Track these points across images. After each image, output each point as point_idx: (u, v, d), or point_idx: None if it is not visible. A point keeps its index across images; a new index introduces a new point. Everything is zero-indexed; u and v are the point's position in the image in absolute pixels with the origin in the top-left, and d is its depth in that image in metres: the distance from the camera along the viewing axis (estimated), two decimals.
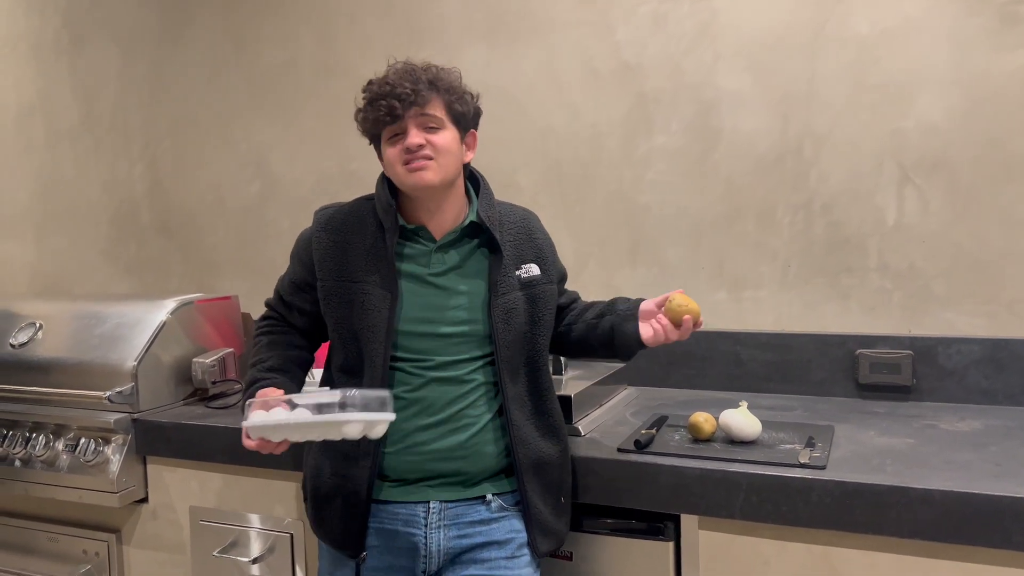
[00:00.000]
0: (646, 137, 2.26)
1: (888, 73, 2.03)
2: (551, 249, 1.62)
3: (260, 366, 1.54)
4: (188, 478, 2.02)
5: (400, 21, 2.53)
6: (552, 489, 1.52)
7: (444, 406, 1.45)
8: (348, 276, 1.48)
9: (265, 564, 1.93)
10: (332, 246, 1.51)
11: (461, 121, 1.48)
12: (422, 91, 1.41)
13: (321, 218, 1.55)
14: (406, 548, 1.47)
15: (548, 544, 1.50)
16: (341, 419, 1.27)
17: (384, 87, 1.42)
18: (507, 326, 1.47)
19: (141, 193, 2.97)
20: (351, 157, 2.62)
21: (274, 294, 1.64)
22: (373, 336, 1.45)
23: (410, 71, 1.43)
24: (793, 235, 2.13)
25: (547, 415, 1.54)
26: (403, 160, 1.42)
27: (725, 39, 2.16)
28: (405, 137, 1.42)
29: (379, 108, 1.41)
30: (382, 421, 1.30)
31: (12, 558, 2.21)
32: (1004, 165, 1.95)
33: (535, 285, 1.53)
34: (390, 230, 1.47)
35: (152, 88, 2.91)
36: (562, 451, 1.55)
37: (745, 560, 1.52)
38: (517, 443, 1.47)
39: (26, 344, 2.25)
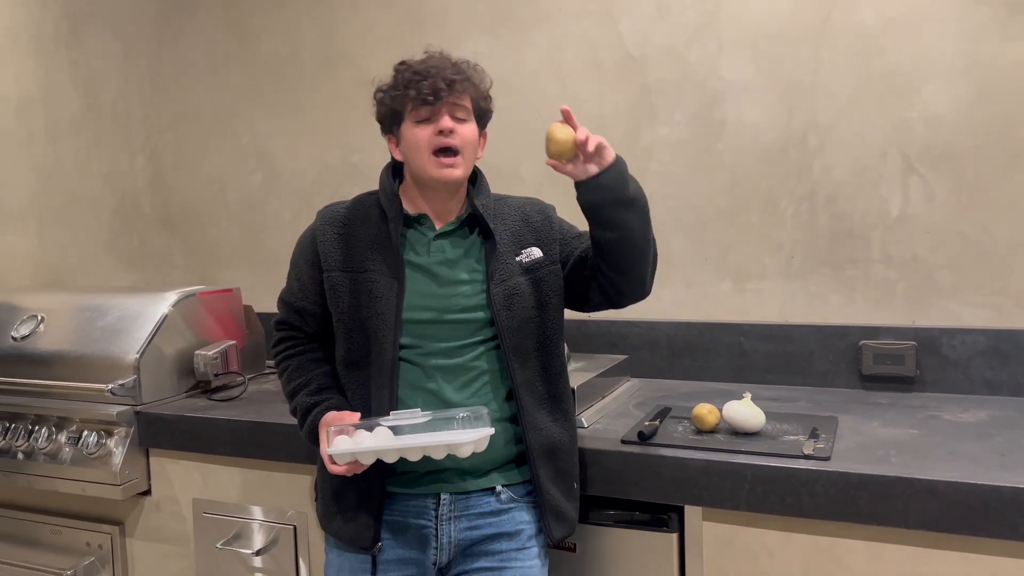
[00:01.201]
0: (650, 128, 2.25)
1: (893, 63, 2.01)
2: (549, 227, 1.56)
3: (306, 390, 1.54)
4: (191, 470, 2.02)
5: (402, 11, 2.52)
6: (564, 475, 1.52)
7: (450, 395, 1.44)
8: (354, 266, 1.49)
9: (268, 556, 1.93)
10: (336, 238, 1.52)
11: (482, 119, 1.52)
12: (462, 79, 1.45)
13: (324, 213, 1.57)
14: (417, 540, 1.47)
15: (562, 530, 1.50)
16: (451, 440, 1.33)
17: (429, 68, 1.43)
18: (509, 312, 1.46)
19: (143, 185, 2.96)
20: (353, 149, 2.61)
21: (281, 308, 1.63)
22: (382, 323, 1.45)
23: (450, 61, 1.46)
24: (797, 226, 2.13)
25: (559, 400, 1.53)
26: (434, 146, 1.43)
27: (729, 30, 2.15)
28: (435, 121, 1.43)
29: (422, 87, 1.42)
30: (484, 438, 1.35)
31: (16, 550, 2.21)
32: (1010, 155, 1.94)
33: (538, 268, 1.51)
34: (394, 218, 1.48)
35: (153, 80, 2.90)
36: (572, 437, 1.55)
37: (749, 551, 1.52)
38: (529, 429, 1.47)
39: (28, 337, 2.25)
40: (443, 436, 1.34)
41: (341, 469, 1.39)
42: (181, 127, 2.88)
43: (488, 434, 1.35)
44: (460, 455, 1.35)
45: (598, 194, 1.41)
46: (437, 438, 1.34)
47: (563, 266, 1.55)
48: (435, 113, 1.43)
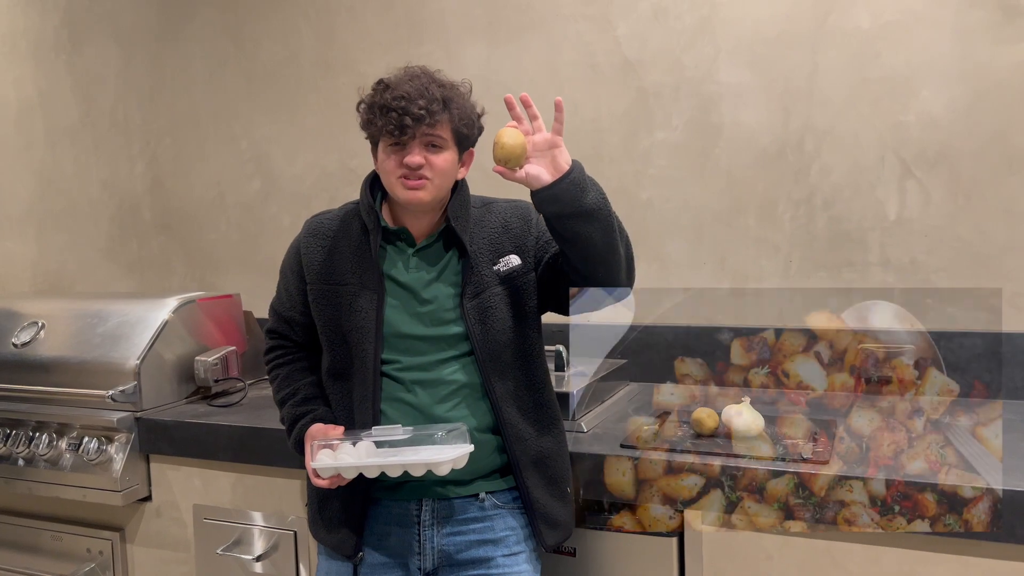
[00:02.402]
0: (647, 132, 2.26)
1: (890, 67, 2.02)
2: (527, 230, 1.51)
3: (293, 400, 1.56)
4: (191, 476, 2.02)
5: (400, 16, 2.52)
6: (555, 481, 1.52)
7: (427, 408, 1.45)
8: (335, 279, 1.50)
9: (269, 562, 1.94)
10: (319, 250, 1.52)
11: (463, 143, 1.46)
12: (435, 111, 1.38)
13: (310, 224, 1.57)
14: (401, 546, 1.48)
15: (556, 536, 1.50)
16: (430, 459, 1.34)
17: (398, 100, 1.36)
18: (483, 326, 1.46)
19: (142, 191, 2.96)
20: (352, 154, 2.62)
21: (271, 317, 1.64)
22: (363, 337, 1.46)
23: (425, 87, 1.38)
24: (795, 229, 2.13)
25: (544, 408, 1.53)
26: (399, 174, 1.41)
27: (725, 33, 2.16)
28: (404, 151, 1.40)
29: (389, 120, 1.37)
30: (464, 455, 1.36)
31: (16, 557, 2.21)
32: (1006, 158, 1.94)
33: (516, 277, 1.49)
34: (373, 231, 1.48)
35: (152, 85, 2.91)
36: (561, 443, 1.55)
37: (749, 554, 1.52)
38: (513, 441, 1.47)
39: (28, 343, 2.25)
40: (423, 455, 1.36)
41: (324, 483, 1.41)
42: (180, 133, 2.88)
43: (467, 451, 1.37)
44: (439, 473, 1.36)
45: (552, 206, 1.33)
46: (417, 456, 1.36)
47: (536, 267, 1.51)
48: (404, 144, 1.40)
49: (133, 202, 2.98)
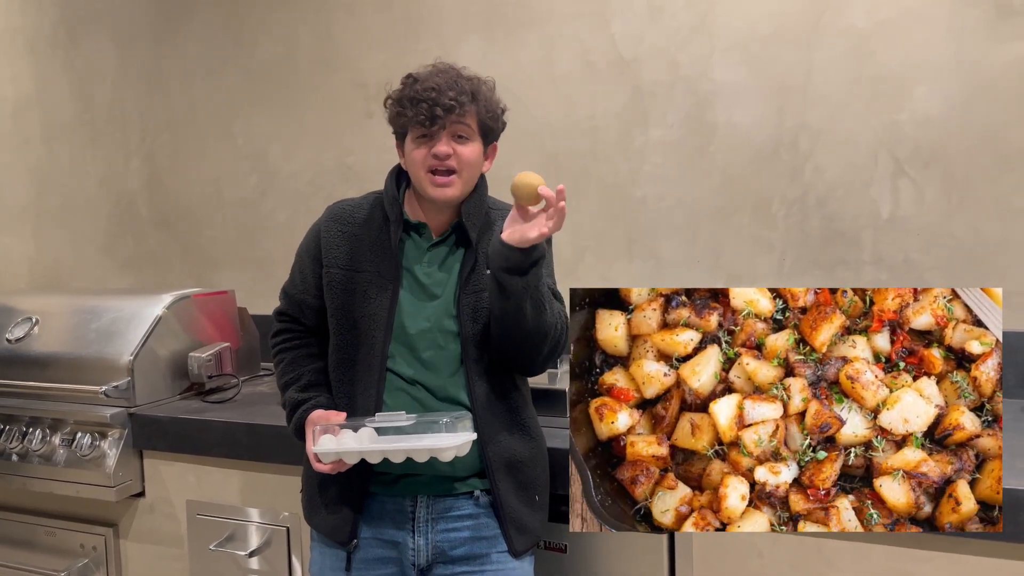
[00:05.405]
0: (642, 130, 2.26)
1: (884, 66, 2.02)
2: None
3: (296, 385, 1.55)
4: (185, 472, 2.02)
5: (398, 14, 2.53)
6: (527, 487, 1.51)
7: (431, 402, 1.45)
8: (353, 265, 1.50)
9: (262, 557, 1.94)
10: (340, 235, 1.53)
11: (488, 136, 1.51)
12: (464, 102, 1.42)
13: (332, 210, 1.58)
14: (394, 541, 1.48)
15: (524, 542, 1.49)
16: (435, 445, 1.34)
17: (428, 91, 1.40)
18: (474, 324, 1.47)
19: (139, 187, 2.97)
20: (349, 151, 2.62)
21: (282, 299, 1.64)
22: (373, 325, 1.47)
23: (454, 79, 1.43)
24: (789, 228, 2.13)
25: (517, 412, 1.52)
26: (429, 167, 1.44)
27: (721, 32, 2.16)
28: (433, 141, 1.43)
29: (420, 111, 1.41)
30: (467, 442, 1.36)
31: (10, 552, 2.21)
32: (1000, 156, 1.94)
33: None
34: (395, 223, 1.50)
35: (149, 82, 2.91)
36: (534, 449, 1.54)
37: (739, 552, 1.52)
38: (487, 442, 1.46)
39: (22, 339, 2.25)
40: (427, 440, 1.35)
41: (326, 468, 1.40)
42: (177, 129, 2.88)
43: (471, 439, 1.37)
44: (443, 459, 1.36)
45: (509, 260, 1.35)
46: (421, 442, 1.35)
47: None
48: (433, 135, 1.43)
49: (130, 198, 2.99)
